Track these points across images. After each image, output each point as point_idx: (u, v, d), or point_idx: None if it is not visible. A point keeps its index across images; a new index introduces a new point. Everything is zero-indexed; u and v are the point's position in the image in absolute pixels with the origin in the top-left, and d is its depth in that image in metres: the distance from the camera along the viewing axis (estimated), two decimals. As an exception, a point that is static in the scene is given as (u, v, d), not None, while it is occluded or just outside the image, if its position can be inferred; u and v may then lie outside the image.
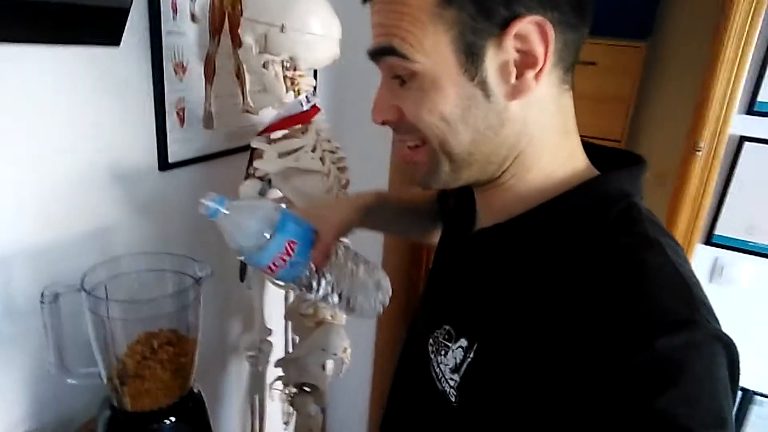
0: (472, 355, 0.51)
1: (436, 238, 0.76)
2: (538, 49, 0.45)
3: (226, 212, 0.56)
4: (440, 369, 0.54)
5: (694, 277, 0.46)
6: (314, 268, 0.61)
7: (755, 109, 1.42)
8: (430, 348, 0.57)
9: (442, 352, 0.54)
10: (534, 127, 0.49)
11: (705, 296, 0.45)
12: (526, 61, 0.46)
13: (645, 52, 2.32)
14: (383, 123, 0.53)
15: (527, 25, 0.44)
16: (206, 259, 0.78)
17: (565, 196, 0.50)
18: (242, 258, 0.59)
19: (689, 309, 0.41)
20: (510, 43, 0.45)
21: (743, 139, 1.45)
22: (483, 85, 0.47)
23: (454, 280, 0.59)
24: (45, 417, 0.86)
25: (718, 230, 1.53)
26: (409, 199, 0.86)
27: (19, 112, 0.74)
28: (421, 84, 0.48)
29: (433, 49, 0.46)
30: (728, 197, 1.50)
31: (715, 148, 1.48)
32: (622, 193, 0.50)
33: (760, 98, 1.41)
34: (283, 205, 0.61)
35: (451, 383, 0.52)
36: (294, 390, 1.23)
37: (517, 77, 0.46)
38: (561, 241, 0.48)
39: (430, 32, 0.46)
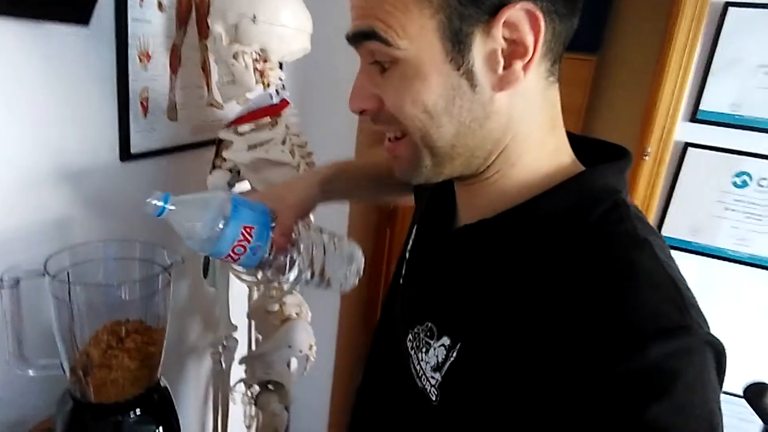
0: (454, 355, 0.49)
1: (408, 200, 0.73)
2: (528, 38, 0.43)
3: (172, 207, 0.54)
4: (421, 366, 0.52)
5: (682, 277, 0.45)
6: (277, 251, 0.60)
7: (698, 117, 1.51)
8: (409, 344, 0.55)
9: (423, 349, 0.52)
10: (520, 121, 0.48)
11: (693, 297, 0.43)
12: (514, 51, 0.44)
13: (595, 64, 2.45)
14: (361, 112, 0.51)
15: (517, 13, 0.42)
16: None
17: (551, 193, 0.48)
18: (199, 248, 0.58)
19: (680, 313, 0.40)
20: (499, 32, 0.43)
21: (687, 145, 1.54)
22: (469, 75, 0.45)
23: (436, 275, 0.57)
24: (-6, 418, 0.81)
25: (665, 231, 1.61)
26: (374, 164, 0.81)
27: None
28: (403, 72, 0.45)
29: (418, 35, 0.44)
30: (673, 200, 1.59)
31: (661, 154, 1.57)
32: (609, 189, 0.48)
33: (702, 107, 1.50)
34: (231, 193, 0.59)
35: (432, 382, 0.50)
36: (257, 389, 1.20)
37: (504, 67, 0.45)
38: (548, 239, 0.47)
39: (414, 16, 0.43)
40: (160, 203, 0.54)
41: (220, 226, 0.55)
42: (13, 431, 0.82)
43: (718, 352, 0.41)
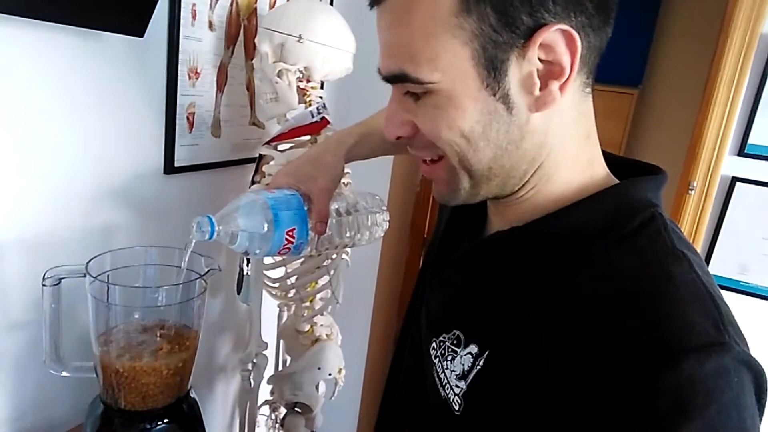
0: (481, 363, 0.48)
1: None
2: (564, 59, 0.42)
3: (219, 227, 0.56)
4: (445, 375, 0.51)
5: (720, 293, 0.43)
6: (317, 235, 0.62)
7: (746, 151, 1.46)
8: (433, 352, 0.54)
9: (449, 358, 0.51)
10: (555, 137, 0.47)
11: (732, 314, 0.42)
12: (551, 71, 0.43)
13: (636, 98, 2.42)
14: (397, 138, 0.50)
15: (553, 34, 0.41)
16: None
17: (586, 202, 0.48)
18: (243, 252, 0.59)
19: (719, 330, 0.39)
20: (534, 54, 0.42)
21: (735, 179, 1.49)
22: (505, 99, 0.44)
23: (464, 283, 0.56)
24: (25, 422, 0.81)
25: (711, 269, 1.53)
26: None
27: (33, 95, 0.73)
28: (436, 101, 0.45)
29: (450, 65, 0.43)
30: (720, 237, 1.53)
31: (708, 189, 1.52)
32: (647, 203, 0.47)
33: (751, 140, 1.45)
34: (262, 193, 0.60)
35: (456, 390, 0.49)
36: (283, 411, 1.18)
37: (540, 88, 0.44)
38: (581, 249, 0.46)
39: (446, 45, 0.42)
40: (208, 228, 0.55)
41: (265, 228, 0.57)
42: (43, 436, 0.83)
43: (757, 374, 0.39)
